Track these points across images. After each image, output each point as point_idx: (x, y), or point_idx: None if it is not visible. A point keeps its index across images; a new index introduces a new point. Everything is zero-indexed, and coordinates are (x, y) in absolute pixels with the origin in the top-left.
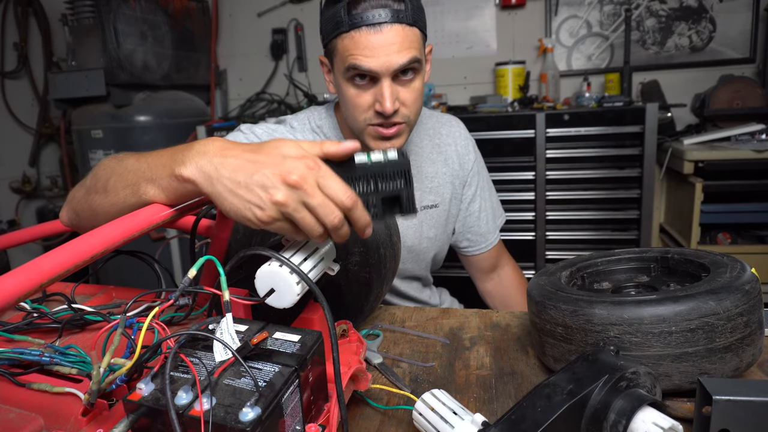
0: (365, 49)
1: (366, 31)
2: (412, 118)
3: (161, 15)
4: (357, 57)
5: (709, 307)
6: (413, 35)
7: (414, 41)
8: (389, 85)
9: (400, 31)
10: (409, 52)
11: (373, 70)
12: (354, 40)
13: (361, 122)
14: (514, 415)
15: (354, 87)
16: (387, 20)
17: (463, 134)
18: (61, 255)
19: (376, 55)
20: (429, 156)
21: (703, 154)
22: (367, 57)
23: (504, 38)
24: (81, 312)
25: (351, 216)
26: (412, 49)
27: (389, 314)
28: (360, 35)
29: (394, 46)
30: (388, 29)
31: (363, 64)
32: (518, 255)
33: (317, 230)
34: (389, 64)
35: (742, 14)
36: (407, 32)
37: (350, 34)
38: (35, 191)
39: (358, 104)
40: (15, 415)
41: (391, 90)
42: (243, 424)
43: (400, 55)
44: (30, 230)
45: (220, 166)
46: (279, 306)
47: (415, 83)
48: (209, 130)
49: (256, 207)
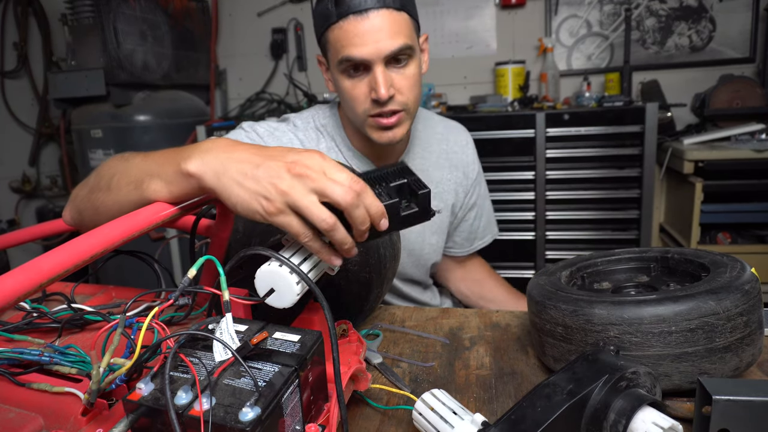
0: (354, 37)
1: (353, 19)
2: (410, 106)
3: (161, 15)
4: (347, 47)
5: (709, 307)
6: (402, 20)
7: (403, 26)
8: (382, 71)
9: (388, 15)
10: (399, 38)
11: (365, 59)
12: (343, 30)
13: (361, 114)
14: (514, 415)
15: (349, 79)
16: (373, 6)
17: (470, 144)
18: (61, 255)
19: (366, 42)
20: (437, 161)
21: (703, 154)
22: (357, 46)
23: (504, 38)
24: (81, 312)
25: (362, 201)
26: (402, 35)
27: (389, 314)
28: (348, 24)
29: (383, 32)
30: (375, 14)
31: (354, 54)
32: (518, 255)
33: (327, 219)
34: (379, 50)
35: (742, 14)
36: (395, 17)
37: (338, 24)
38: (35, 191)
39: (355, 96)
40: (15, 415)
41: (384, 76)
42: (243, 424)
43: (390, 41)
44: (30, 230)
45: (226, 160)
46: (279, 306)
47: (409, 69)
48: (209, 130)
49: (262, 198)
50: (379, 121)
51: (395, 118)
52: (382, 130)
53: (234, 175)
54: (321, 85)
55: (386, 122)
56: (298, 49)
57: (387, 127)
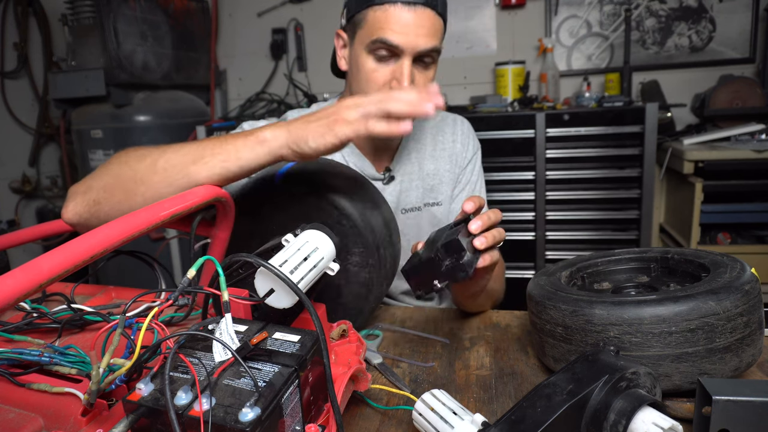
0: (397, 24)
1: (401, 8)
2: None
3: (161, 15)
4: (386, 31)
5: (709, 307)
6: (439, 25)
7: (439, 30)
8: (410, 64)
9: (431, 16)
10: (434, 39)
11: (401, 47)
12: (387, 13)
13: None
14: (514, 416)
15: (375, 60)
16: (423, 2)
17: (465, 132)
18: (61, 255)
19: (406, 32)
20: (431, 153)
21: (703, 154)
22: (397, 32)
23: (504, 38)
24: (80, 312)
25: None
26: (436, 38)
27: (389, 314)
28: (395, 9)
29: (424, 28)
30: (422, 10)
31: (391, 39)
32: (518, 255)
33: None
34: (416, 44)
35: (742, 14)
36: (435, 20)
37: (384, 6)
38: (35, 191)
39: (374, 79)
40: (15, 415)
41: (410, 70)
42: (243, 424)
43: (427, 39)
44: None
45: (289, 125)
46: (279, 306)
47: (430, 72)
48: (209, 130)
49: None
50: None
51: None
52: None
53: (300, 125)
54: (321, 85)
55: None
56: (298, 50)
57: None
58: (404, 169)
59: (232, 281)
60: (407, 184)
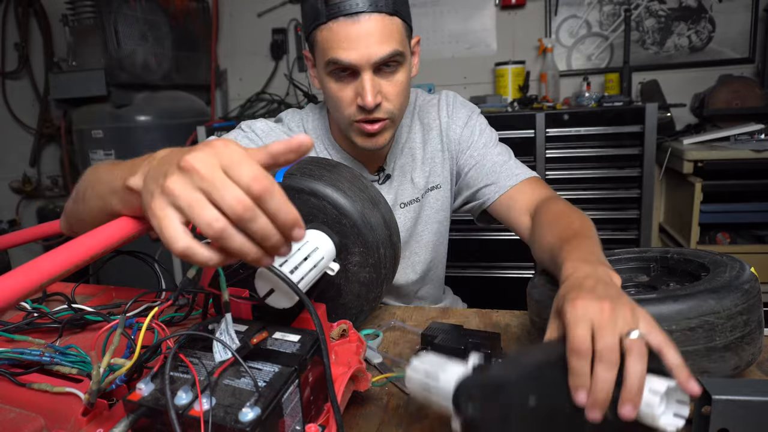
0: (343, 41)
1: (344, 22)
2: (396, 114)
3: (161, 15)
4: (336, 50)
5: (709, 306)
6: (393, 25)
7: (395, 32)
8: (370, 78)
9: (380, 20)
10: (389, 44)
11: (353, 64)
12: (332, 32)
13: (346, 118)
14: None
15: (336, 82)
16: (365, 9)
17: (451, 103)
18: (61, 255)
19: (355, 47)
20: (423, 138)
21: (702, 154)
22: (346, 49)
23: (504, 38)
24: (81, 312)
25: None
26: (393, 41)
27: (389, 314)
28: (338, 26)
29: (374, 37)
30: (366, 19)
31: (342, 58)
32: (518, 255)
33: (215, 224)
34: (369, 56)
35: (742, 14)
36: (387, 22)
37: (328, 25)
38: (36, 191)
39: (341, 98)
40: (15, 415)
41: (372, 83)
42: (243, 424)
43: (380, 47)
44: (30, 230)
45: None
46: (279, 306)
47: (398, 76)
48: (209, 130)
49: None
50: (363, 126)
51: (379, 125)
52: (367, 136)
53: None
54: None
55: (370, 129)
56: (298, 50)
57: (370, 133)
58: (398, 163)
59: (232, 281)
60: (403, 178)
